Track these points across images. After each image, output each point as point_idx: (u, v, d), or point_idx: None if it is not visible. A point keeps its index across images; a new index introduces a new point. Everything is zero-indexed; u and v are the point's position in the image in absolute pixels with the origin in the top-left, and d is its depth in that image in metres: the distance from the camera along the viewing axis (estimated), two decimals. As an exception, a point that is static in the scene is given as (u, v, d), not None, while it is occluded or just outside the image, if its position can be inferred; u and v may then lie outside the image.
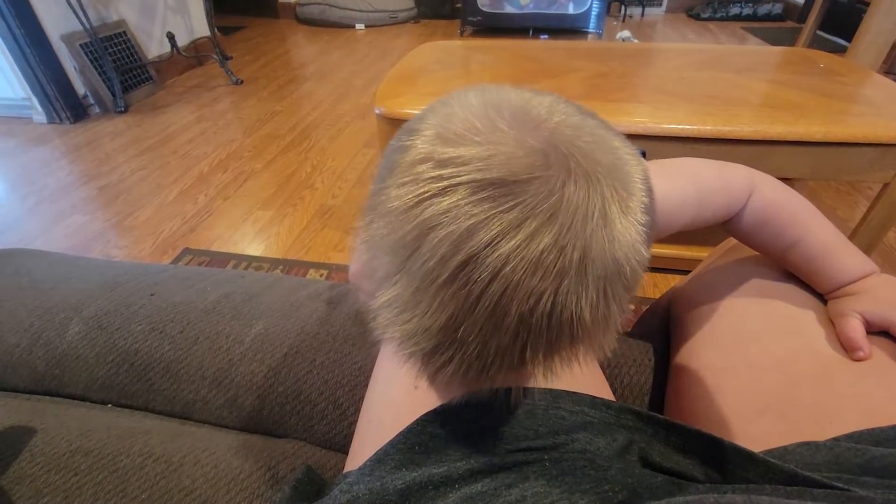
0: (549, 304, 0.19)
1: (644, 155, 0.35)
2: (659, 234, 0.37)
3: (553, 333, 0.20)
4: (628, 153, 0.22)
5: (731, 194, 0.38)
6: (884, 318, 0.34)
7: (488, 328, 0.20)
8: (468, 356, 0.21)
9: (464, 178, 0.19)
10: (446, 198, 0.19)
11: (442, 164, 0.20)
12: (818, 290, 0.39)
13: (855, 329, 0.34)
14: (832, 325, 0.36)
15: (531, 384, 0.33)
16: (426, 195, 0.19)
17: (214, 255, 1.29)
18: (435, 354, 0.21)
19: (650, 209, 0.22)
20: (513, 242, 0.18)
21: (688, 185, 0.37)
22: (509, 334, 0.20)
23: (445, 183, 0.19)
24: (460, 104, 0.22)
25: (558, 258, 0.18)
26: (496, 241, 0.18)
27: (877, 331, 0.34)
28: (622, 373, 0.46)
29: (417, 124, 0.23)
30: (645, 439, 0.32)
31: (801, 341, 0.36)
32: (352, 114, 2.10)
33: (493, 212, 0.18)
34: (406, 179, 0.20)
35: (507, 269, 0.18)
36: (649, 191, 0.22)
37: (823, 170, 0.91)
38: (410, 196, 0.20)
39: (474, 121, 0.21)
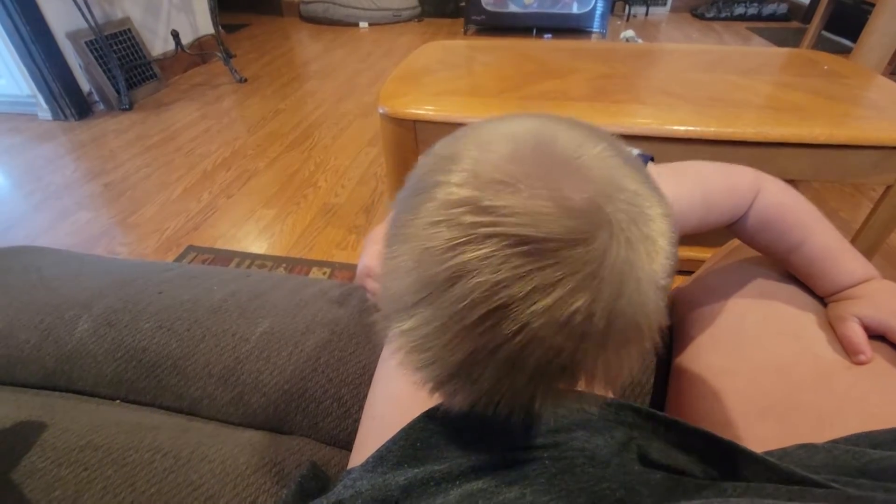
0: (568, 359, 0.20)
1: (652, 159, 0.36)
2: None
3: (566, 380, 0.21)
4: (658, 212, 0.22)
5: (737, 197, 0.38)
6: (881, 323, 0.34)
7: (504, 371, 0.20)
8: (479, 390, 0.21)
9: (504, 230, 0.19)
10: (485, 247, 0.19)
11: (483, 211, 0.19)
12: (819, 292, 0.40)
13: (856, 333, 0.34)
14: (832, 329, 0.37)
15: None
16: (463, 241, 0.19)
17: (218, 253, 1.30)
18: (447, 383, 0.22)
19: (671, 271, 0.22)
20: (547, 301, 0.18)
21: (695, 189, 0.37)
22: (523, 379, 0.20)
23: (486, 231, 0.19)
24: (507, 137, 0.22)
25: (586, 322, 0.19)
26: (529, 298, 0.18)
27: (874, 335, 0.34)
28: (623, 373, 0.46)
29: (456, 150, 0.22)
30: (644, 436, 0.32)
31: (802, 344, 0.36)
32: (355, 112, 2.11)
33: (531, 268, 0.18)
34: (440, 219, 0.20)
35: (535, 325, 0.19)
36: (673, 251, 0.22)
37: (826, 172, 0.91)
38: (446, 238, 0.19)
39: (520, 164, 0.20)
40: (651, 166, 0.36)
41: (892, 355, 0.34)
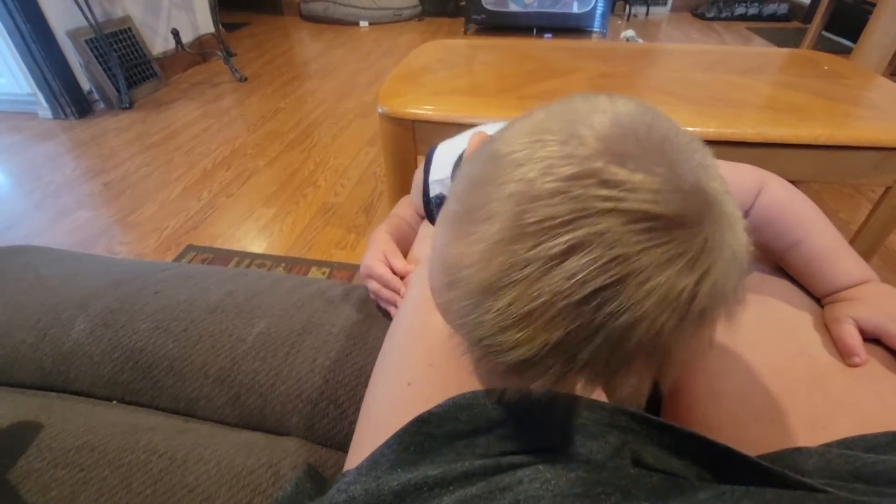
0: (664, 339, 0.20)
1: None
2: None
3: (654, 358, 0.21)
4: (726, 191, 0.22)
5: (741, 193, 0.39)
6: (877, 326, 0.34)
7: (606, 349, 0.20)
8: (572, 368, 0.21)
9: (627, 206, 0.19)
10: (604, 221, 0.19)
11: (607, 184, 0.19)
12: (815, 293, 0.40)
13: (851, 335, 0.34)
14: (827, 331, 0.36)
15: None
16: (582, 215, 0.19)
17: (217, 252, 1.30)
18: (538, 364, 0.21)
19: (747, 230, 0.22)
20: (661, 278, 0.18)
21: None
22: (620, 357, 0.20)
23: (609, 205, 0.19)
24: (603, 113, 0.22)
25: (691, 301, 0.19)
26: (645, 274, 0.18)
27: (869, 338, 0.34)
28: (620, 375, 0.46)
29: (577, 115, 0.22)
30: (638, 440, 0.32)
31: (797, 346, 0.36)
32: (355, 112, 2.11)
33: (649, 245, 0.18)
34: (562, 189, 0.19)
35: (648, 303, 0.19)
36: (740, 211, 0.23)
37: (826, 173, 0.91)
38: (561, 211, 0.19)
39: (629, 143, 0.20)
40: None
41: (886, 358, 0.33)
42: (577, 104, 0.23)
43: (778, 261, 0.41)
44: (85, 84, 2.10)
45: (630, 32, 2.84)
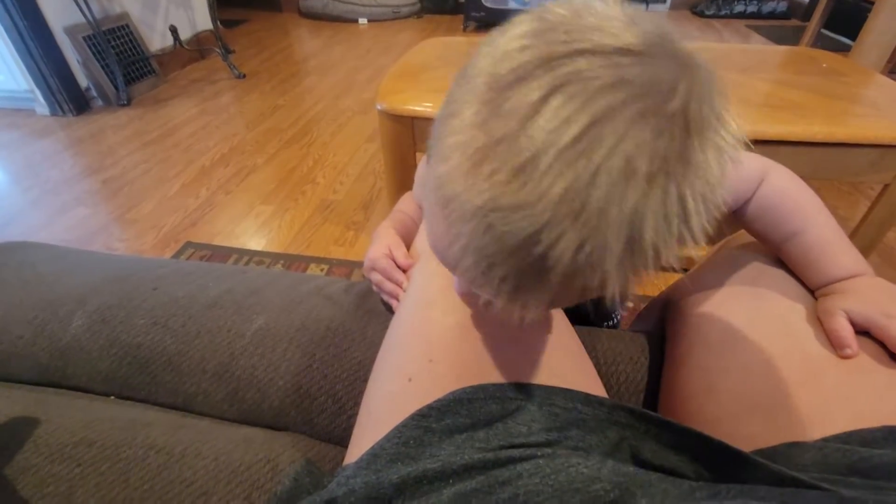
0: (673, 191, 0.18)
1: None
2: None
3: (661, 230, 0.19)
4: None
5: (744, 179, 0.38)
6: (867, 319, 0.34)
7: (613, 193, 0.18)
8: (585, 230, 0.18)
9: (597, 43, 0.18)
10: (581, 58, 0.18)
11: (574, 30, 0.19)
12: (809, 284, 0.40)
13: (843, 327, 0.34)
14: (821, 324, 0.37)
15: (522, 365, 0.33)
16: (558, 55, 0.18)
17: (216, 249, 1.30)
18: (543, 231, 0.18)
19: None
20: (640, 104, 0.18)
21: None
22: (628, 206, 0.18)
23: (579, 45, 0.18)
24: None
25: (687, 123, 0.18)
26: (630, 103, 0.18)
27: (860, 331, 0.34)
28: (618, 370, 0.46)
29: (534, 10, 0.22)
30: (637, 436, 0.32)
31: (792, 341, 0.36)
32: (354, 109, 2.10)
33: (625, 75, 0.18)
34: (528, 44, 0.19)
35: (638, 128, 0.18)
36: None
37: (824, 170, 0.91)
38: (537, 55, 0.19)
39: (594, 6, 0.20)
40: None
41: (878, 352, 0.34)
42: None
43: (776, 251, 0.41)
44: (83, 81, 2.09)
45: (629, 30, 2.83)
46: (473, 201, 0.20)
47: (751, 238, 0.45)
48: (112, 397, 0.47)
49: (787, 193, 0.39)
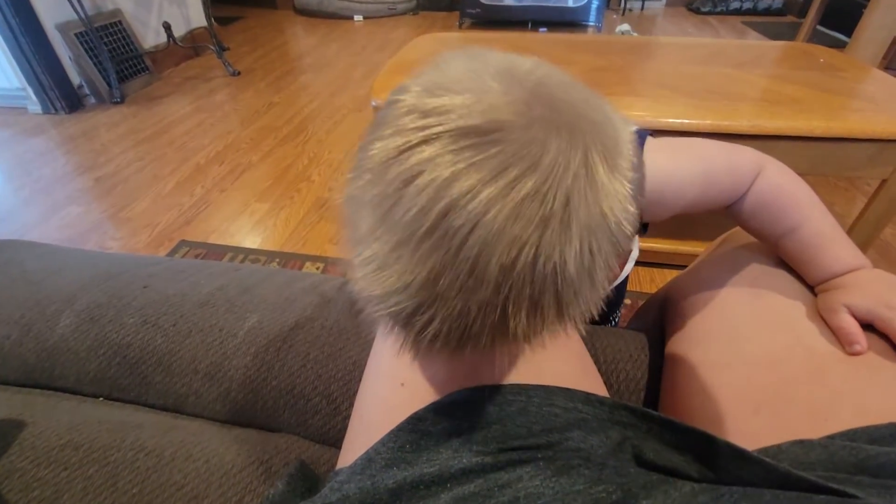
0: (531, 254, 0.19)
1: (651, 135, 0.35)
2: (663, 212, 0.36)
3: (536, 287, 0.19)
4: (614, 115, 0.22)
5: (738, 176, 0.38)
6: (870, 312, 0.33)
7: (469, 282, 0.19)
8: (450, 315, 0.20)
9: (446, 127, 0.19)
10: (428, 147, 0.19)
11: (426, 113, 0.20)
12: (809, 280, 0.39)
13: (850, 323, 0.33)
14: (823, 320, 0.36)
15: (520, 364, 0.32)
16: (408, 145, 0.19)
17: (211, 248, 1.29)
18: (416, 315, 0.21)
19: (638, 167, 0.22)
20: (492, 189, 0.18)
21: (695, 163, 0.36)
22: (491, 288, 0.19)
23: (428, 132, 0.19)
24: (448, 63, 0.23)
25: (540, 205, 0.18)
26: (476, 189, 0.18)
27: (863, 325, 0.34)
28: (618, 368, 0.46)
29: (408, 83, 0.23)
30: (639, 436, 0.32)
31: (795, 337, 0.36)
32: (349, 106, 2.09)
33: (475, 159, 0.18)
34: (390, 132, 0.20)
35: (488, 216, 0.18)
36: (637, 151, 0.22)
37: (822, 165, 0.91)
38: (393, 146, 0.20)
39: (460, 74, 0.21)
40: (650, 140, 0.35)
41: (881, 346, 0.33)
42: (442, 57, 0.24)
43: (773, 247, 0.41)
44: (75, 78, 2.07)
45: (625, 27, 2.83)
46: (363, 293, 0.22)
47: (749, 236, 0.44)
48: (101, 399, 0.46)
49: (783, 188, 0.38)
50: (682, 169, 0.35)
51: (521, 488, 0.26)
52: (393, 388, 0.34)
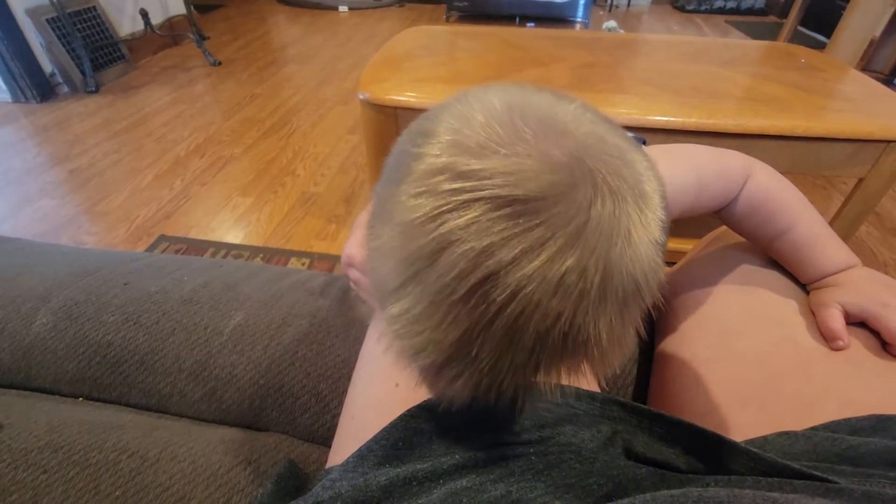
0: (567, 325, 0.19)
1: (644, 143, 0.35)
2: None
3: (568, 352, 0.20)
4: (645, 166, 0.21)
5: (728, 181, 0.38)
6: (862, 310, 0.34)
7: (503, 345, 0.19)
8: (480, 371, 0.20)
9: (486, 194, 0.18)
10: (467, 213, 0.18)
11: (462, 176, 0.18)
12: (801, 279, 0.40)
13: (835, 319, 0.34)
14: (813, 316, 0.37)
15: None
16: (445, 209, 0.18)
17: (192, 243, 1.26)
18: (445, 369, 0.21)
19: (666, 226, 0.21)
20: (535, 263, 0.18)
21: (688, 171, 0.37)
22: (524, 352, 0.19)
23: (466, 196, 0.18)
24: (481, 106, 0.21)
25: (580, 280, 0.18)
26: (518, 261, 0.18)
27: (855, 322, 0.35)
28: (606, 364, 0.46)
29: (432, 125, 0.21)
30: (629, 430, 0.32)
31: (783, 332, 0.37)
32: (334, 99, 2.06)
33: (517, 230, 0.18)
34: (421, 190, 0.19)
35: (528, 289, 0.18)
36: (665, 206, 0.21)
37: (802, 164, 0.93)
38: (428, 209, 0.19)
39: (497, 128, 0.19)
40: (645, 150, 0.35)
41: (870, 342, 0.34)
42: (456, 102, 0.22)
43: (765, 249, 0.41)
44: (47, 66, 2.00)
45: (612, 23, 2.85)
46: (394, 340, 0.22)
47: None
48: (81, 399, 0.45)
49: (772, 191, 0.39)
50: (677, 177, 0.36)
51: (512, 482, 0.26)
52: (387, 388, 0.33)
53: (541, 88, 0.22)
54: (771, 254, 0.41)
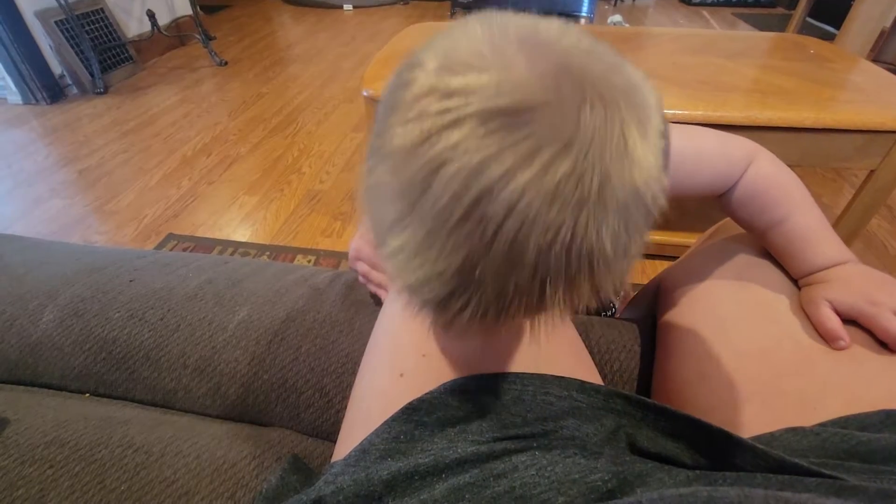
0: (568, 237, 0.18)
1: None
2: None
3: (573, 267, 0.19)
4: (641, 77, 0.21)
5: (730, 162, 0.38)
6: (853, 308, 0.33)
7: (506, 266, 0.18)
8: (486, 298, 0.20)
9: (472, 109, 0.17)
10: (455, 131, 0.17)
11: (448, 94, 0.18)
12: (793, 273, 0.39)
13: (830, 318, 0.34)
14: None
15: (515, 354, 0.32)
16: (433, 130, 0.18)
17: (199, 241, 1.27)
18: (451, 300, 0.20)
19: (666, 134, 0.21)
20: (528, 174, 0.17)
21: (687, 143, 0.36)
22: (528, 271, 0.18)
23: (453, 115, 0.18)
24: (464, 33, 0.21)
25: (577, 187, 0.17)
26: (510, 174, 0.17)
27: (846, 319, 0.34)
28: (612, 358, 0.46)
29: (419, 56, 0.21)
30: (633, 423, 0.32)
31: (781, 329, 0.36)
32: (339, 97, 2.06)
33: (506, 142, 0.17)
34: (410, 116, 0.19)
35: (523, 202, 0.17)
36: (663, 116, 0.21)
37: (812, 156, 0.91)
38: (416, 133, 0.18)
39: (480, 47, 0.19)
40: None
41: (865, 339, 0.33)
42: (456, 27, 0.22)
43: (760, 238, 0.41)
44: (56, 68, 2.02)
45: (617, 17, 2.83)
46: (395, 280, 0.21)
47: (740, 228, 0.44)
48: (87, 395, 0.45)
49: (773, 179, 0.38)
50: (675, 145, 0.35)
51: (516, 477, 0.26)
52: (392, 379, 0.33)
53: (525, 14, 0.22)
54: (765, 244, 0.41)
